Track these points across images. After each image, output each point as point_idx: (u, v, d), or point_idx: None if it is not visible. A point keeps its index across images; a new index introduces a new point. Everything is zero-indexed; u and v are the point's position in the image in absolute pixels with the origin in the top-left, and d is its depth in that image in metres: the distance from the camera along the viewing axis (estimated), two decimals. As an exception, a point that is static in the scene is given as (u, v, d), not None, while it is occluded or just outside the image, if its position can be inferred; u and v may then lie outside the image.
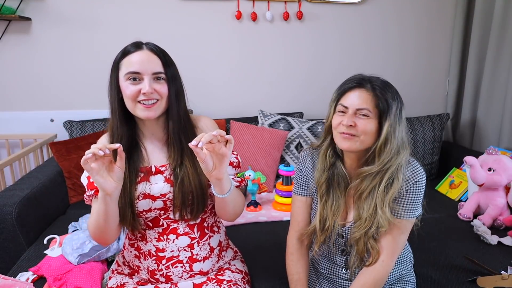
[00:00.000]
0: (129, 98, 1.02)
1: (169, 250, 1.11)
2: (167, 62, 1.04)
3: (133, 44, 1.05)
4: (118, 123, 1.06)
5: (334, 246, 1.15)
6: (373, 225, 1.03)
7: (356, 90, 1.01)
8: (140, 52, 1.03)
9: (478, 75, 2.52)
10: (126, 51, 1.04)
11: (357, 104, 0.99)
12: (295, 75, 2.62)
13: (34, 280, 1.35)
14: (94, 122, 2.24)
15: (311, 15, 2.53)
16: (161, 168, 1.10)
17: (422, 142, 2.38)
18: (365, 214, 1.03)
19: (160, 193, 1.07)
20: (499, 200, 1.77)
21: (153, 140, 1.12)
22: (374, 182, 1.02)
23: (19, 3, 2.19)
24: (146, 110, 1.02)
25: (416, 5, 2.62)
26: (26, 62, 2.31)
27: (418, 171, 1.05)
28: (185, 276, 1.13)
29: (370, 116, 0.99)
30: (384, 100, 0.99)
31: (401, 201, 1.04)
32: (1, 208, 1.55)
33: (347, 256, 1.14)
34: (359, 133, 1.00)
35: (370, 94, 1.00)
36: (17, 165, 2.30)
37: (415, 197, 1.05)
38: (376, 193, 1.02)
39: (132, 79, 1.01)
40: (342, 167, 1.09)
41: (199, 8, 2.40)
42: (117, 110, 1.05)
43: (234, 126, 2.29)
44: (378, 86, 1.00)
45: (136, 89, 1.01)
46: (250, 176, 1.92)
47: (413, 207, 1.05)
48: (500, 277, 1.24)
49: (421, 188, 1.05)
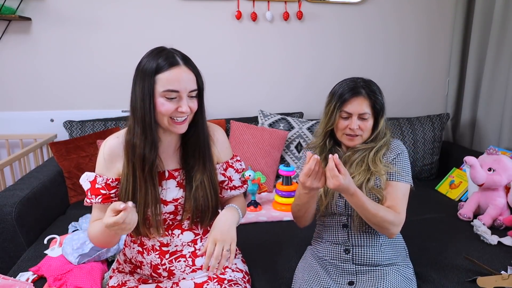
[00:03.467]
0: (164, 114, 1.01)
1: (173, 245, 1.12)
2: (198, 75, 1.06)
3: (166, 57, 1.00)
4: (153, 137, 1.02)
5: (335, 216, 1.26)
6: (370, 179, 1.20)
7: (356, 99, 1.21)
8: (177, 70, 1.00)
9: (478, 75, 2.52)
10: (160, 66, 0.99)
11: (359, 110, 1.20)
12: (295, 75, 2.62)
13: (34, 280, 1.35)
14: (94, 122, 2.24)
15: (311, 15, 2.53)
16: (174, 173, 1.11)
17: (422, 142, 2.38)
18: (356, 173, 1.21)
19: (172, 198, 1.09)
20: (499, 200, 1.77)
21: (168, 145, 1.12)
22: (364, 153, 1.23)
23: (19, 3, 2.19)
24: (179, 126, 1.03)
25: (416, 5, 2.62)
26: (26, 62, 2.31)
27: (400, 145, 1.28)
28: (187, 270, 1.14)
29: (369, 117, 1.22)
30: (379, 102, 1.23)
31: (393, 167, 1.22)
32: (1, 208, 1.55)
33: (348, 230, 1.24)
34: (361, 132, 1.23)
35: (367, 100, 1.21)
36: (17, 165, 2.30)
37: (403, 164, 1.24)
38: (366, 159, 1.22)
39: (168, 98, 1.00)
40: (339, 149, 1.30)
41: (199, 8, 2.41)
42: (153, 123, 1.01)
43: (234, 126, 2.29)
44: (370, 91, 1.22)
45: (173, 107, 1.00)
46: (250, 176, 1.92)
47: (404, 172, 1.23)
48: (500, 277, 1.24)
49: (405, 156, 1.26)
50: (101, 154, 1.09)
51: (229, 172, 1.20)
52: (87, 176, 1.09)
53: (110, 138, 1.11)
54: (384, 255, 1.24)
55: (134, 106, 1.02)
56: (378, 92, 1.24)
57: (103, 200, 1.06)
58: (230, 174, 1.20)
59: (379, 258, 1.23)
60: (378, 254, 1.23)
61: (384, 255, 1.24)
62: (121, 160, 1.08)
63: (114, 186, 1.08)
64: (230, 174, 1.20)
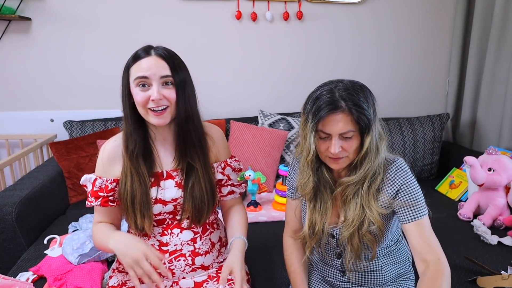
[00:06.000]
0: (140, 105, 1.02)
1: (173, 244, 1.12)
2: (175, 67, 1.03)
3: (142, 49, 1.04)
4: (131, 128, 1.07)
5: (327, 247, 1.15)
6: (364, 223, 1.02)
7: (334, 115, 0.94)
8: (148, 58, 1.02)
9: (478, 75, 2.52)
10: (136, 56, 1.03)
11: (339, 129, 0.95)
12: (295, 75, 2.62)
13: (34, 280, 1.35)
14: (94, 122, 2.24)
15: (311, 15, 2.53)
16: (172, 173, 1.12)
17: (422, 142, 2.38)
18: (352, 214, 1.03)
19: (171, 197, 1.10)
20: (499, 200, 1.77)
21: (164, 144, 1.13)
22: (357, 186, 1.02)
23: (19, 3, 2.19)
24: (157, 117, 1.02)
25: (416, 5, 2.62)
26: (26, 62, 2.31)
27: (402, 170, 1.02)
28: (187, 269, 1.14)
29: (354, 135, 0.97)
30: (364, 115, 0.94)
31: (401, 206, 1.01)
32: (1, 208, 1.55)
33: (342, 260, 1.13)
34: (347, 154, 0.99)
35: (349, 116, 0.94)
36: (17, 165, 2.30)
37: (412, 196, 1.01)
38: (360, 193, 1.02)
39: (141, 85, 1.01)
40: (326, 171, 1.07)
41: (199, 8, 2.40)
42: (129, 115, 1.06)
43: (234, 126, 2.29)
44: (353, 103, 0.94)
45: (146, 95, 1.01)
46: (250, 176, 1.92)
47: (418, 205, 1.01)
48: (500, 277, 1.24)
49: (410, 187, 1.01)
50: (100, 157, 1.12)
51: (227, 170, 1.21)
52: (88, 178, 1.11)
53: (108, 141, 1.14)
54: (384, 275, 1.14)
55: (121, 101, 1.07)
56: (363, 100, 0.95)
57: (102, 203, 1.09)
58: (228, 173, 1.21)
59: (380, 280, 1.14)
60: (379, 277, 1.13)
61: (384, 276, 1.14)
62: (119, 162, 1.09)
63: (112, 189, 1.10)
64: (228, 173, 1.21)
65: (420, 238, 1.00)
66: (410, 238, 1.01)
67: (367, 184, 1.01)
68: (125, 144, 1.08)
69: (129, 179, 1.06)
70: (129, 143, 1.07)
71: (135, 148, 1.06)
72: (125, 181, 1.07)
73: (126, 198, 1.06)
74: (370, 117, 0.95)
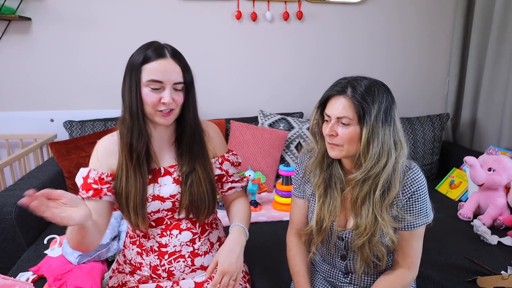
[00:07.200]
0: (150, 105, 1.02)
1: (172, 245, 1.12)
2: (186, 70, 1.06)
3: (154, 49, 1.02)
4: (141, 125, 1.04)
5: (334, 249, 1.14)
6: (376, 233, 1.01)
7: (336, 98, 0.97)
8: (163, 61, 1.01)
9: (478, 75, 2.52)
10: (147, 57, 1.01)
11: (337, 112, 0.96)
12: (295, 75, 2.62)
13: (34, 280, 1.35)
14: (94, 122, 2.24)
15: (311, 15, 2.53)
16: (170, 170, 1.12)
17: (422, 142, 2.38)
18: (364, 221, 1.01)
19: (169, 194, 1.10)
20: (499, 200, 1.77)
21: (161, 141, 1.13)
22: (366, 189, 1.00)
23: (19, 3, 2.19)
24: (164, 118, 1.04)
25: (416, 5, 2.62)
26: (26, 62, 2.31)
27: (418, 179, 1.03)
28: (187, 270, 1.14)
29: (351, 124, 0.96)
30: (361, 105, 0.94)
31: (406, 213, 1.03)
32: (1, 208, 1.55)
33: (347, 262, 1.13)
34: (342, 142, 0.98)
35: (350, 101, 0.95)
36: (17, 165, 2.30)
37: (419, 205, 1.03)
38: (372, 200, 1.00)
39: (153, 88, 1.01)
40: (338, 167, 1.07)
41: (199, 8, 2.40)
42: (140, 113, 1.04)
43: (234, 126, 2.29)
44: (359, 90, 0.94)
45: (157, 97, 1.01)
46: (250, 176, 1.92)
47: (422, 214, 1.04)
48: (500, 277, 1.24)
49: (421, 196, 1.03)
50: (95, 151, 1.11)
51: (225, 165, 1.21)
52: (80, 173, 1.09)
53: (105, 137, 1.14)
54: None
55: (123, 96, 1.05)
56: (370, 95, 0.94)
57: (93, 194, 1.05)
58: (226, 168, 1.21)
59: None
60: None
61: None
62: (115, 157, 1.09)
63: (107, 182, 1.07)
64: (226, 168, 1.21)
65: (406, 244, 1.05)
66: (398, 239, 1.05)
67: (379, 192, 0.98)
68: (128, 141, 1.06)
69: (125, 175, 1.06)
70: (135, 140, 1.05)
71: (143, 146, 1.06)
72: (121, 177, 1.06)
73: (121, 194, 1.06)
74: (367, 108, 0.94)
